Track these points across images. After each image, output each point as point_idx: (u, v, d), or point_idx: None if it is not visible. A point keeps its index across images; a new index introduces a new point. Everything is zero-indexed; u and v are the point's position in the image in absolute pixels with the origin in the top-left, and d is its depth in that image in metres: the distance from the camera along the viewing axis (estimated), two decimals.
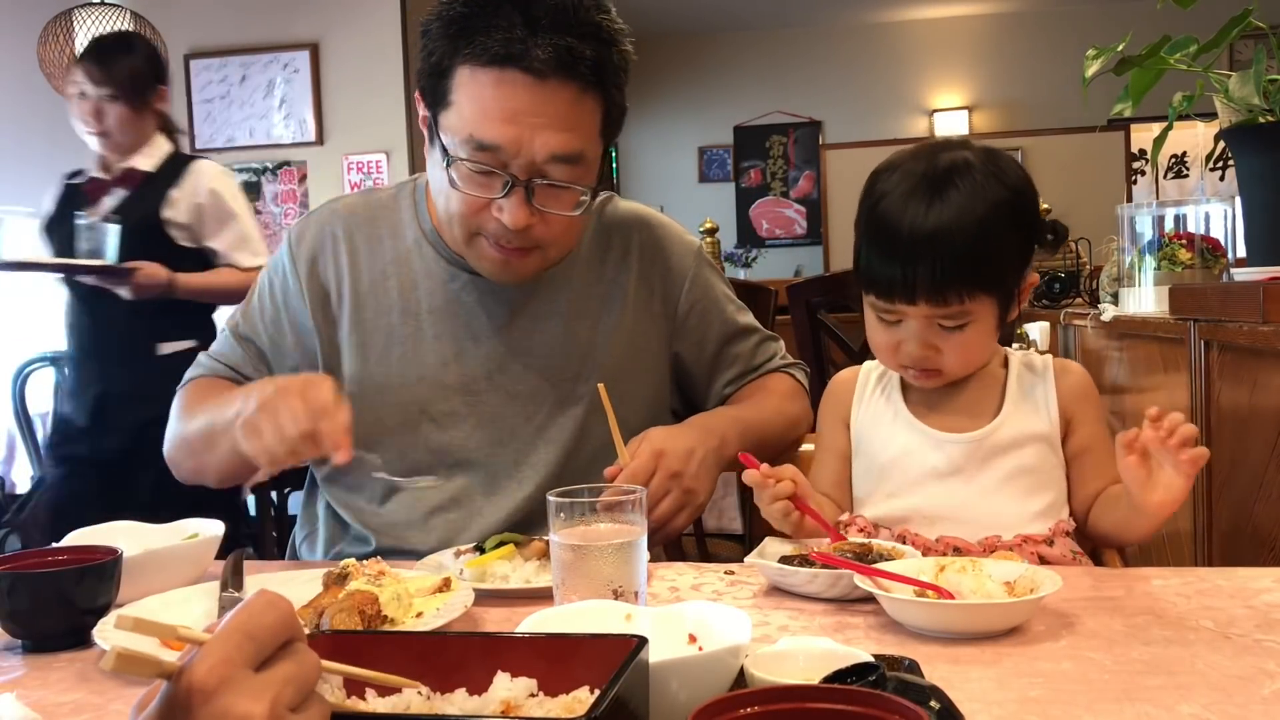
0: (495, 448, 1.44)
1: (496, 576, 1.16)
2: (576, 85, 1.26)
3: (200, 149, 5.76)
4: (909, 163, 1.24)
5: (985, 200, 1.20)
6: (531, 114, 1.25)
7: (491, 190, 1.30)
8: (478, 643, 0.77)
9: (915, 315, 1.22)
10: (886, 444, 1.31)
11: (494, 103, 1.25)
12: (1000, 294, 1.23)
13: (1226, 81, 1.96)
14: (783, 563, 1.11)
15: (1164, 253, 2.43)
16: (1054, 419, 1.27)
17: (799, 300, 2.77)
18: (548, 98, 1.25)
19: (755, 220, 9.30)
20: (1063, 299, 3.53)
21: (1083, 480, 1.28)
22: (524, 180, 1.28)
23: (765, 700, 0.58)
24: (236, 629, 0.57)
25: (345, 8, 5.51)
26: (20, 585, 1.01)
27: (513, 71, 1.24)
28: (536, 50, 1.23)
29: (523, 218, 1.29)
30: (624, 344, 1.49)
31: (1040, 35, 8.60)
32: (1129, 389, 2.61)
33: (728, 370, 1.58)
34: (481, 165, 1.28)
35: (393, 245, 1.49)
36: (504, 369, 1.45)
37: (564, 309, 1.47)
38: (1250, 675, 0.84)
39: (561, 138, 1.27)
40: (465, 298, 1.46)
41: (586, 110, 1.29)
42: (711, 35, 9.08)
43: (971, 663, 0.89)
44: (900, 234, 1.19)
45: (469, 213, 1.33)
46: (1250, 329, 1.64)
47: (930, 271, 1.18)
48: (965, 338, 1.23)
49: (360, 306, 1.48)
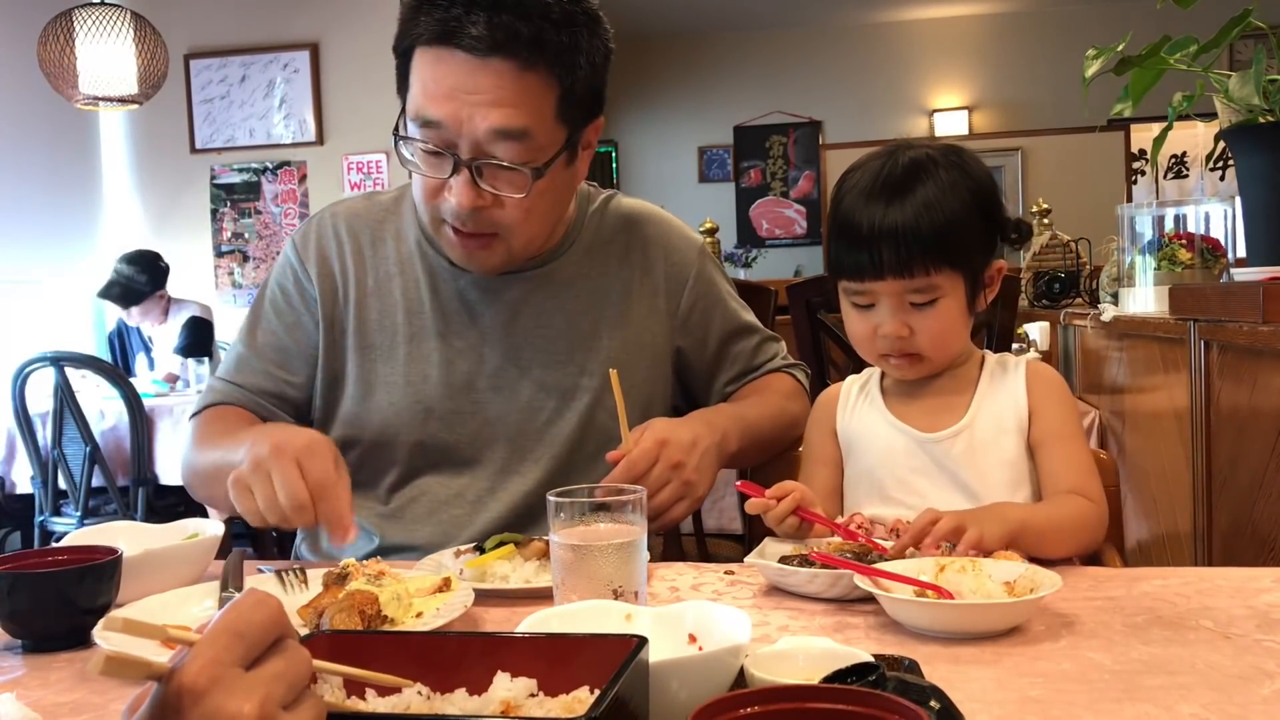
0: (500, 444, 1.45)
1: (496, 576, 1.16)
2: (515, 62, 1.27)
3: (200, 149, 5.78)
4: (873, 161, 1.29)
5: (946, 181, 1.25)
6: (469, 90, 1.27)
7: (442, 171, 1.31)
8: (478, 643, 0.77)
9: (885, 292, 1.26)
10: (870, 447, 1.34)
11: (433, 81, 1.28)
12: (966, 272, 1.27)
13: (1226, 81, 1.96)
14: (783, 563, 1.11)
15: (1164, 253, 2.43)
16: (1022, 414, 1.29)
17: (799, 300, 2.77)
18: (486, 74, 1.26)
19: (755, 220, 9.30)
20: (1063, 299, 3.53)
21: (1040, 472, 1.29)
22: (468, 159, 1.29)
23: (765, 700, 0.58)
24: (225, 628, 0.57)
25: (345, 8, 5.51)
26: (20, 585, 1.01)
27: (451, 49, 1.27)
28: (471, 28, 1.25)
29: (469, 198, 1.30)
30: (627, 340, 1.49)
31: (1040, 35, 8.60)
32: (1129, 389, 2.61)
33: (729, 368, 1.59)
34: (428, 145, 1.30)
35: (396, 247, 1.50)
36: (508, 366, 1.45)
37: (567, 305, 1.47)
38: (1250, 675, 0.84)
39: (501, 113, 1.27)
40: (469, 296, 1.46)
41: (531, 88, 1.28)
42: (711, 35, 9.08)
43: (971, 663, 0.89)
44: (863, 218, 1.25)
45: (428, 195, 1.35)
46: (1250, 329, 1.64)
47: (895, 240, 1.23)
48: (937, 316, 1.27)
49: (365, 307, 1.48)
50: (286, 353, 1.50)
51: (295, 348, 1.50)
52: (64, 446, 3.72)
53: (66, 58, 4.28)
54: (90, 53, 4.30)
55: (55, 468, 3.74)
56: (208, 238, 5.83)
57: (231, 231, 5.82)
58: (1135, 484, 2.49)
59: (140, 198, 5.88)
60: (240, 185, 5.78)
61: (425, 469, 1.45)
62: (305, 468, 1.16)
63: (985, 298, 1.32)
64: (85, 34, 4.28)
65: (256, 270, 5.77)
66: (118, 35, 4.33)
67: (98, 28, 4.30)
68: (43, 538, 3.79)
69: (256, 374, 1.50)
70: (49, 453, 3.75)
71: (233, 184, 5.79)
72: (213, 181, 5.80)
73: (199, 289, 5.58)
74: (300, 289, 1.51)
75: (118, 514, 3.67)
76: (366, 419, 1.46)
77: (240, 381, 1.50)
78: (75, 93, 4.34)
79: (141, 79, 4.42)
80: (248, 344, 1.52)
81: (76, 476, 3.70)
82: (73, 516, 3.70)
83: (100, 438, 3.72)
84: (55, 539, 2.98)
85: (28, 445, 3.77)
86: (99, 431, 3.74)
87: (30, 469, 3.82)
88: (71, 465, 3.71)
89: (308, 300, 1.50)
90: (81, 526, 2.14)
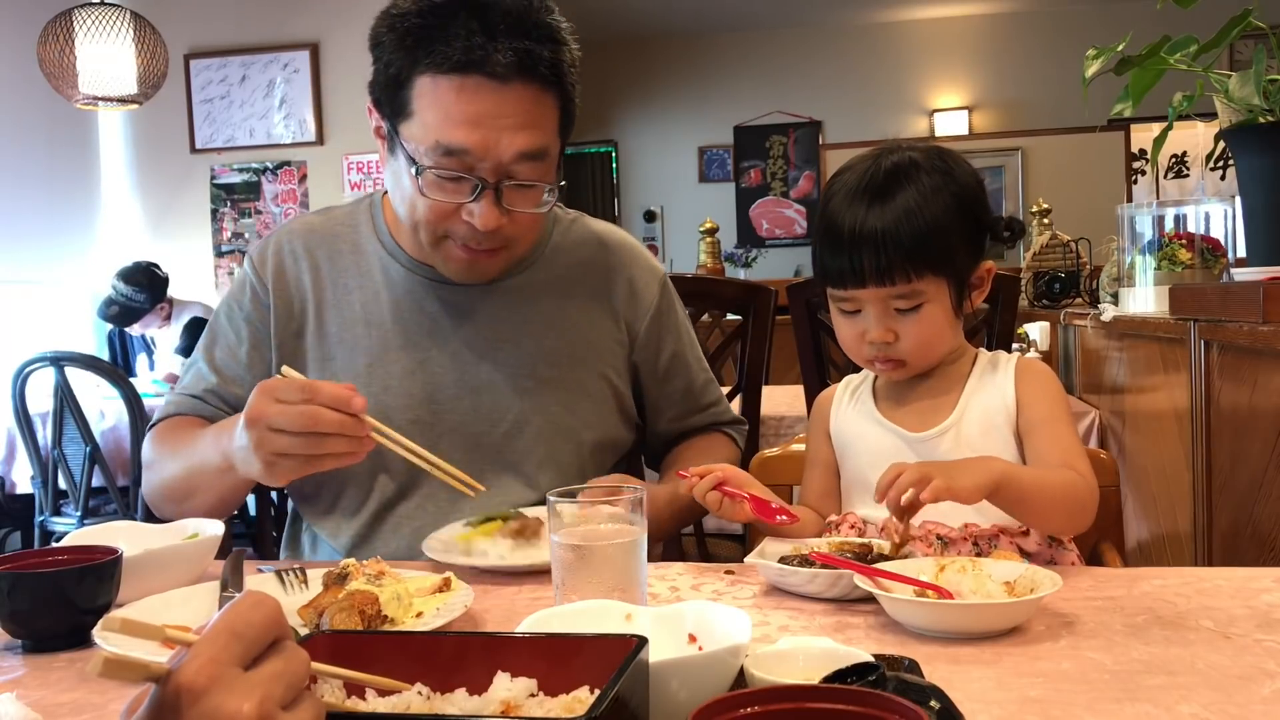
0: (460, 455, 1.43)
1: (477, 553, 1.22)
2: (537, 85, 1.30)
3: (200, 149, 5.78)
4: (859, 164, 1.30)
5: (928, 186, 1.25)
6: (496, 116, 1.29)
7: (460, 195, 1.32)
8: (478, 643, 0.77)
9: (869, 299, 1.27)
10: (861, 448, 1.35)
11: (458, 108, 1.28)
12: (950, 276, 1.27)
13: (1226, 81, 1.96)
14: (783, 563, 1.11)
15: (1164, 253, 2.43)
16: (1010, 407, 1.29)
17: (799, 300, 2.77)
18: (511, 100, 1.29)
19: (755, 220, 9.30)
20: (1063, 299, 3.53)
21: (1028, 458, 1.28)
22: (493, 182, 1.31)
23: (765, 700, 0.58)
24: (224, 629, 0.57)
25: (345, 8, 5.51)
26: (20, 585, 1.01)
27: (475, 77, 1.28)
28: (497, 55, 1.27)
29: (493, 219, 1.32)
30: (585, 355, 1.51)
31: (1040, 35, 8.60)
32: (1129, 389, 2.61)
33: (676, 403, 1.61)
34: (450, 171, 1.31)
35: (354, 259, 1.51)
36: (469, 377, 1.46)
37: (529, 318, 1.49)
38: (1250, 675, 0.84)
39: (526, 136, 1.30)
40: (428, 307, 1.48)
41: (547, 109, 1.34)
42: (711, 35, 9.08)
43: (971, 663, 0.89)
44: (845, 222, 1.26)
45: (436, 219, 1.35)
46: (1250, 329, 1.64)
47: (876, 248, 1.24)
48: (920, 320, 1.27)
49: (323, 321, 1.49)
50: (244, 369, 1.50)
51: (253, 364, 1.50)
52: (64, 446, 3.71)
53: (66, 57, 4.27)
54: (90, 52, 4.30)
55: (55, 468, 3.74)
56: (208, 238, 5.83)
57: (231, 231, 5.82)
58: (1135, 484, 2.49)
59: (140, 198, 5.88)
60: (240, 185, 5.78)
61: (386, 479, 1.46)
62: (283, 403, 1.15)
63: (975, 299, 1.33)
64: (85, 34, 4.28)
65: None
66: (118, 35, 4.33)
67: (98, 28, 4.29)
68: (43, 538, 3.79)
69: (214, 390, 1.50)
70: (49, 453, 3.75)
71: (233, 184, 5.79)
72: (213, 181, 5.80)
73: (199, 289, 5.58)
74: (257, 305, 1.51)
75: (118, 514, 3.67)
76: None
77: (199, 394, 1.50)
78: (75, 92, 4.34)
79: (141, 79, 4.42)
80: (206, 361, 1.52)
81: (76, 476, 3.70)
82: (73, 516, 3.70)
83: (100, 438, 3.71)
84: (55, 539, 2.98)
85: (28, 445, 3.77)
86: (99, 431, 3.73)
87: (30, 469, 3.82)
88: (71, 465, 3.71)
89: (265, 317, 1.50)
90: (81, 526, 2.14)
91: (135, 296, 4.60)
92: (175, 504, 1.44)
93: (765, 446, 1.90)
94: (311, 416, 1.13)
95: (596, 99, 9.07)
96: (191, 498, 1.41)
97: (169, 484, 1.44)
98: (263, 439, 1.16)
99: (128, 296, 4.60)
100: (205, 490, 1.39)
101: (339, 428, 1.14)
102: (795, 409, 2.92)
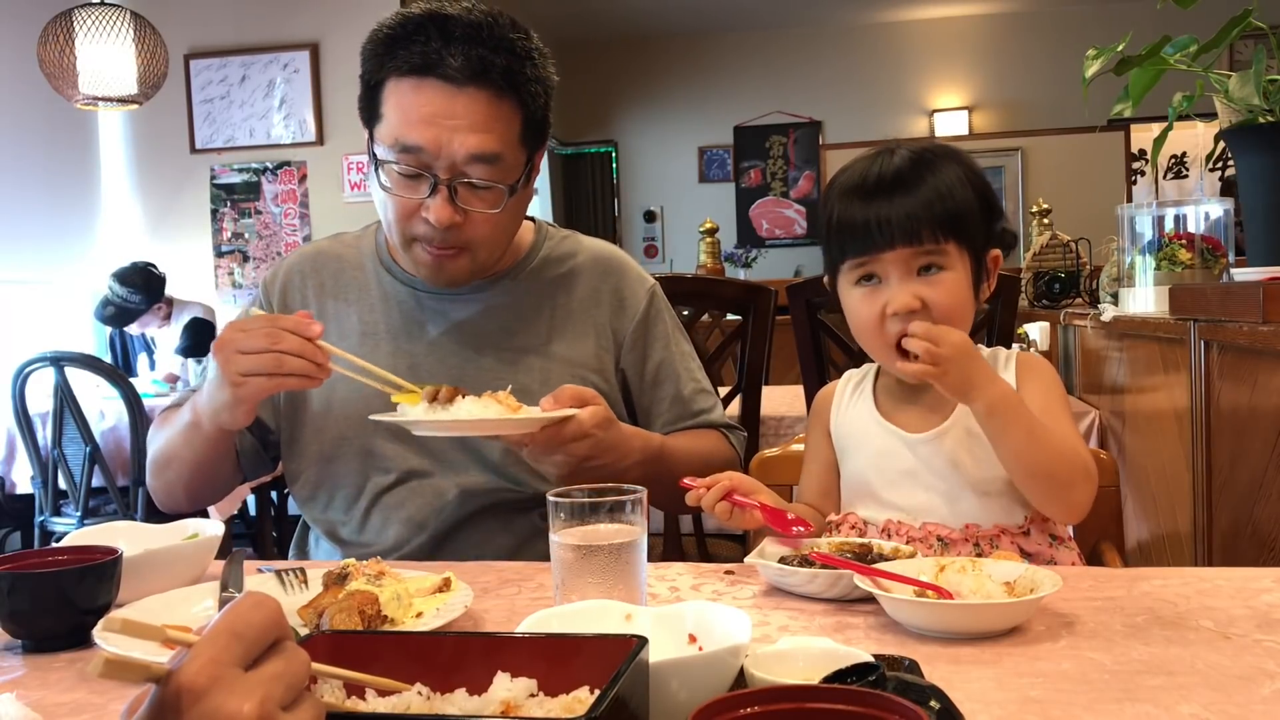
0: (450, 451, 1.50)
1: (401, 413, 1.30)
2: (490, 91, 1.38)
3: (200, 149, 5.78)
4: (865, 158, 1.32)
5: (948, 168, 1.27)
6: (448, 117, 1.37)
7: (419, 192, 1.40)
8: (478, 643, 0.77)
9: (893, 262, 1.25)
10: (861, 448, 1.34)
11: (414, 108, 1.38)
12: (970, 249, 1.27)
13: (1226, 81, 1.96)
14: (783, 563, 1.11)
15: (1164, 253, 2.43)
16: None
17: (799, 300, 2.77)
18: (464, 102, 1.37)
19: (755, 220, 9.31)
20: (1063, 299, 3.53)
21: None
22: (446, 179, 1.38)
23: (765, 700, 0.58)
24: (224, 629, 0.57)
25: (345, 8, 5.51)
26: (20, 585, 1.01)
27: (431, 79, 1.37)
28: (450, 59, 1.36)
29: (447, 215, 1.39)
30: (571, 362, 1.54)
31: (1040, 35, 8.61)
32: (1129, 389, 2.61)
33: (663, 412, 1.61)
34: (407, 167, 1.39)
35: (355, 276, 1.59)
36: (459, 381, 1.47)
37: (512, 325, 1.54)
38: (1250, 675, 0.84)
39: (478, 138, 1.37)
40: (418, 315, 1.55)
41: (503, 115, 1.40)
42: (711, 35, 9.08)
43: (971, 663, 0.89)
44: (867, 186, 1.27)
45: (402, 217, 1.42)
46: (1250, 329, 1.64)
47: (904, 211, 1.24)
48: (945, 288, 1.25)
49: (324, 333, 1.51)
50: None
51: None
52: (64, 446, 3.72)
53: (66, 58, 4.27)
54: (90, 53, 4.30)
55: (55, 468, 3.74)
56: (208, 238, 5.83)
57: (231, 231, 5.82)
58: (1135, 484, 2.49)
59: (140, 198, 5.88)
60: (240, 185, 5.78)
61: (378, 478, 1.51)
62: (248, 329, 1.29)
63: (986, 288, 1.32)
64: (85, 34, 4.28)
65: (256, 270, 5.77)
66: (117, 35, 4.33)
67: (98, 28, 4.29)
68: (43, 538, 3.79)
69: None
70: (49, 453, 3.75)
71: (233, 184, 5.79)
72: (213, 181, 5.80)
73: (199, 289, 5.58)
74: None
75: (118, 514, 3.67)
76: (325, 433, 1.53)
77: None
78: (75, 93, 4.34)
79: (141, 79, 4.42)
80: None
81: (76, 476, 3.70)
82: (73, 516, 3.70)
83: (100, 438, 3.72)
84: (55, 539, 2.98)
85: (28, 445, 3.77)
86: (99, 431, 3.74)
87: (30, 469, 3.82)
88: (71, 465, 3.71)
89: None
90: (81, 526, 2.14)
91: (131, 297, 4.60)
92: (156, 476, 1.54)
93: (765, 446, 1.91)
94: (273, 335, 1.26)
95: (596, 99, 9.09)
96: (169, 466, 1.51)
97: (153, 458, 1.54)
98: (229, 360, 1.27)
99: (123, 297, 4.60)
100: (180, 459, 1.48)
101: (300, 349, 1.26)
102: (795, 409, 2.93)
